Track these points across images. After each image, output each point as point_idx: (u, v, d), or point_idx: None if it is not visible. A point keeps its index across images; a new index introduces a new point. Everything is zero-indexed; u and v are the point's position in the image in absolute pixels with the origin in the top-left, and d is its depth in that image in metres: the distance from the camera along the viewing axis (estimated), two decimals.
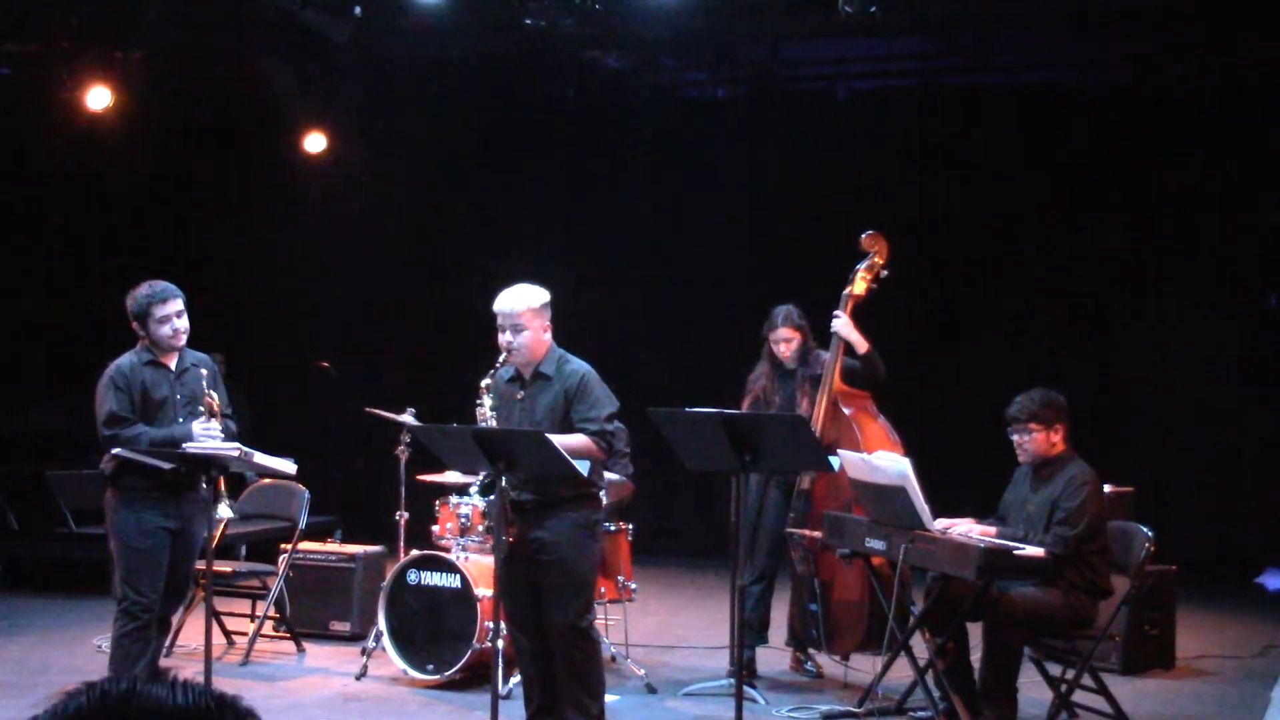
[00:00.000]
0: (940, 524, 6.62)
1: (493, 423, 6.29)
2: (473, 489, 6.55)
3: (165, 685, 1.61)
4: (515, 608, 6.35)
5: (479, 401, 6.34)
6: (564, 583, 6.20)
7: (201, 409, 6.68)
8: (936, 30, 11.60)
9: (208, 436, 6.58)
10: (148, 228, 12.61)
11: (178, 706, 1.58)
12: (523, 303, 6.28)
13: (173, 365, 6.74)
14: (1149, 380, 11.52)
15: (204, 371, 6.80)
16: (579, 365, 6.32)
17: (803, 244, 11.88)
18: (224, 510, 6.61)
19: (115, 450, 6.59)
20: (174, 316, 6.66)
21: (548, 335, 6.34)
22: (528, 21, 10.66)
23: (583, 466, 5.90)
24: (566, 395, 6.22)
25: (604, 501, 6.62)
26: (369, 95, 12.38)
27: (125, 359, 6.75)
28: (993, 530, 6.66)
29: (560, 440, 6.02)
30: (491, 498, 6.26)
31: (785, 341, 7.86)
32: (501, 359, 6.32)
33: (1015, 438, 6.77)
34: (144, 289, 6.71)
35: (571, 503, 6.21)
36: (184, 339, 6.73)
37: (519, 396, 6.33)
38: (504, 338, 6.27)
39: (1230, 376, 11.32)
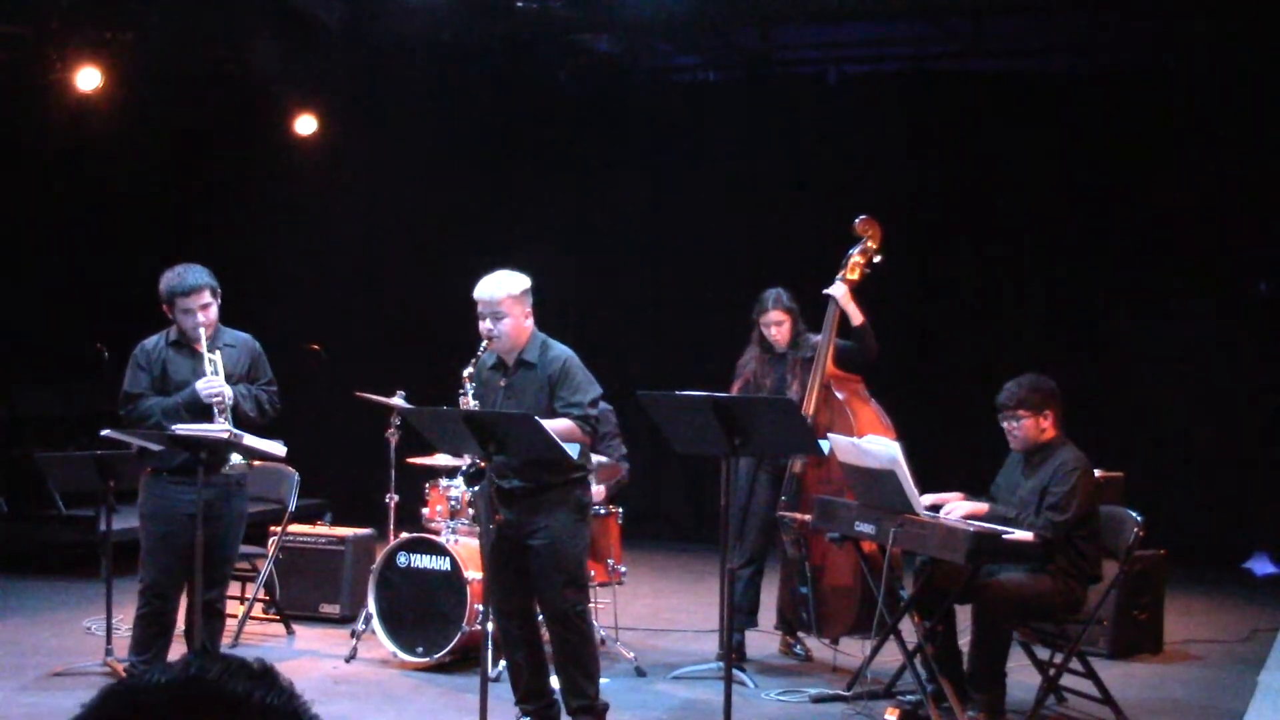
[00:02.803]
0: (929, 499, 6.63)
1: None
2: (457, 478, 6.53)
3: (255, 682, 1.58)
4: (504, 593, 6.36)
5: (462, 391, 6.32)
6: (555, 567, 6.22)
7: (209, 369, 6.60)
8: (929, 14, 11.58)
9: (211, 391, 6.53)
10: (137, 210, 12.57)
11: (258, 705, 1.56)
12: (503, 290, 6.28)
13: (201, 349, 6.67)
14: (1140, 366, 11.52)
15: (234, 351, 6.77)
16: (561, 350, 6.33)
17: (794, 228, 11.87)
18: (236, 461, 6.58)
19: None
20: (198, 310, 6.62)
21: (529, 322, 6.35)
22: (519, 4, 10.65)
23: (572, 450, 5.91)
24: (550, 381, 6.23)
25: (594, 485, 6.61)
26: (360, 78, 12.34)
27: (152, 339, 6.81)
28: (984, 508, 6.67)
29: (545, 426, 6.04)
30: (478, 487, 6.24)
31: (776, 325, 7.85)
32: (483, 346, 6.32)
33: (1005, 424, 6.77)
34: (173, 277, 6.67)
35: (560, 488, 6.23)
36: (210, 331, 6.67)
37: (502, 384, 6.34)
38: (484, 325, 6.27)
39: (1221, 362, 11.32)
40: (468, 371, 6.33)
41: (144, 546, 6.82)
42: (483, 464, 6.15)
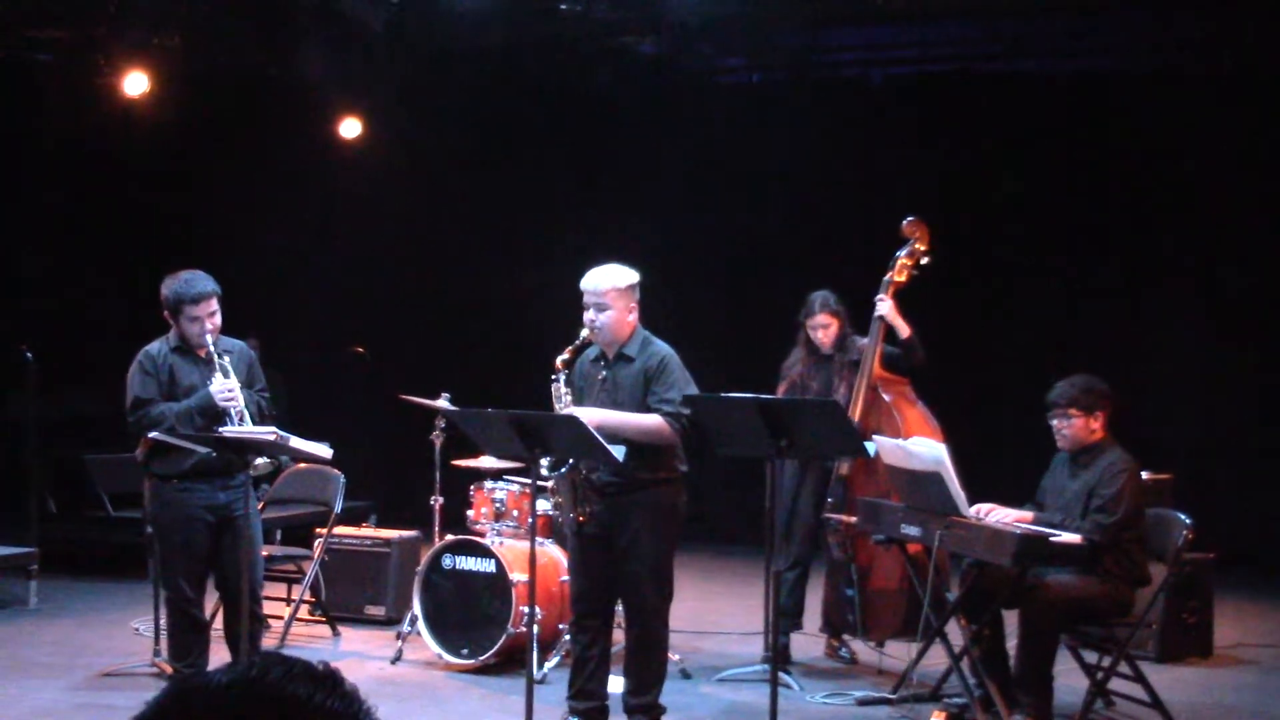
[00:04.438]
0: (977, 509, 6.58)
1: (568, 400, 6.27)
2: (545, 466, 6.51)
3: (316, 685, 1.58)
4: (587, 586, 6.35)
5: (554, 378, 6.31)
6: (643, 566, 6.20)
7: (217, 373, 6.63)
8: (974, 16, 11.53)
9: (226, 394, 6.55)
10: (183, 212, 12.66)
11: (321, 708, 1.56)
12: (608, 282, 6.28)
13: (208, 354, 6.71)
14: (1189, 367, 11.42)
15: (233, 358, 6.75)
16: (661, 347, 6.32)
17: (839, 230, 11.84)
18: (260, 461, 6.57)
19: (152, 434, 6.60)
20: (205, 318, 6.62)
21: (633, 317, 6.33)
22: (563, 7, 10.66)
23: (618, 451, 5.87)
24: (646, 376, 6.21)
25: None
26: (405, 81, 12.38)
27: (155, 345, 6.78)
28: (1029, 516, 6.62)
29: (634, 420, 6.07)
30: (562, 471, 6.21)
31: (823, 328, 7.83)
32: (582, 335, 6.30)
33: (1055, 423, 6.72)
34: (179, 284, 6.65)
35: (653, 486, 6.20)
36: (214, 337, 6.69)
37: (601, 377, 6.32)
38: (588, 315, 6.26)
39: (1273, 363, 11.21)
40: (561, 358, 6.31)
41: (160, 555, 6.84)
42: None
